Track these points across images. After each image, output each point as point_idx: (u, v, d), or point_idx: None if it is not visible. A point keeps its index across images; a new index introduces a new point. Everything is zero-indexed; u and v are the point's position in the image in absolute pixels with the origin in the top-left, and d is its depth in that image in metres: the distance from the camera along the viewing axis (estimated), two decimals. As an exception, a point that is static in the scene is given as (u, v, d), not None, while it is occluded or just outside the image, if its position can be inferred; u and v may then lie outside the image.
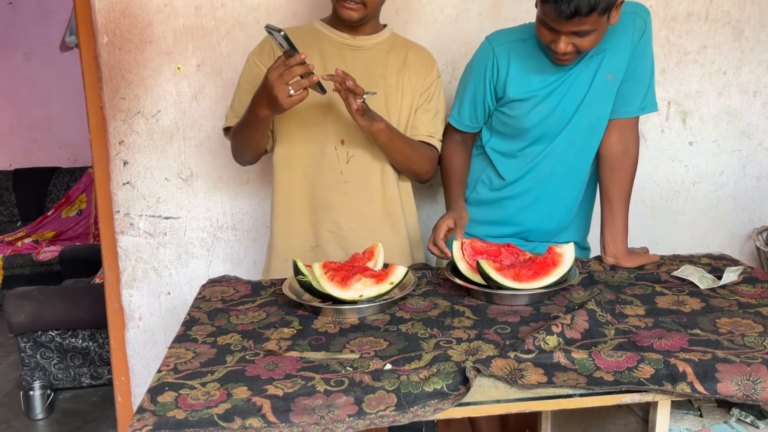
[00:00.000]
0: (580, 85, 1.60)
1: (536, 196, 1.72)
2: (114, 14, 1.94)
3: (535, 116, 1.63)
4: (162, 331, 2.13)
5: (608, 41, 1.56)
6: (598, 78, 1.60)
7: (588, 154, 1.70)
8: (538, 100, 1.62)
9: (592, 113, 1.63)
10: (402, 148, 1.64)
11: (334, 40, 1.67)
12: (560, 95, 1.61)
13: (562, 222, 1.77)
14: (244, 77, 1.69)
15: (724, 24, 2.16)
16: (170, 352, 1.25)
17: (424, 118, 1.71)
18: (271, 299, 1.50)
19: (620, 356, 1.14)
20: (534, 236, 1.78)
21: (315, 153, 1.67)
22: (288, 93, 1.41)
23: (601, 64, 1.59)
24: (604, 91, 1.61)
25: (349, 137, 1.66)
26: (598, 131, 1.68)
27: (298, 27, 1.73)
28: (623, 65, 1.60)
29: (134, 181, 2.04)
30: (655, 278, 1.56)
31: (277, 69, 1.41)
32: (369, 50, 1.68)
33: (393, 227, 1.72)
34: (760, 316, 1.32)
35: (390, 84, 1.68)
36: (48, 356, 3.02)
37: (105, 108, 2.00)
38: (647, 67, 1.64)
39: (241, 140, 1.65)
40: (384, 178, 1.70)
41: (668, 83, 2.18)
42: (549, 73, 1.61)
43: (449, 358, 1.17)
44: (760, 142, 2.26)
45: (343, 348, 1.24)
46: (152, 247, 2.08)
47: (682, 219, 2.28)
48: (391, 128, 1.60)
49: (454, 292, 1.51)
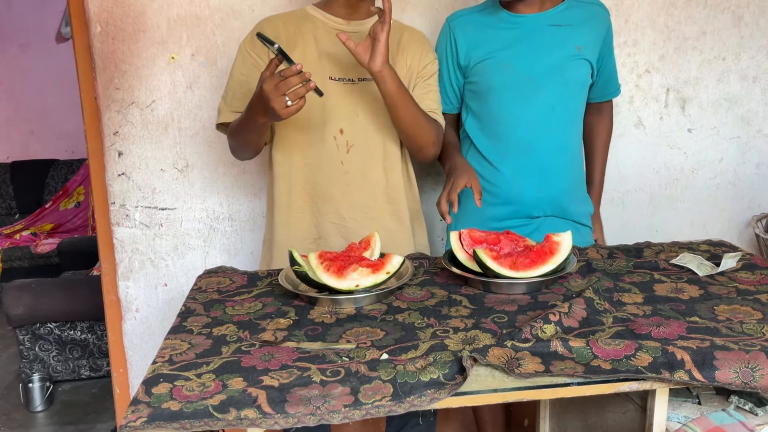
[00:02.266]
0: (548, 51, 1.70)
1: (524, 166, 1.73)
2: (107, 3, 1.92)
3: (500, 75, 1.70)
4: (159, 322, 2.12)
5: (573, 18, 1.71)
6: (568, 47, 1.70)
7: (571, 120, 1.77)
8: (499, 58, 1.70)
9: (569, 78, 1.72)
10: (411, 105, 1.58)
11: (328, 25, 1.65)
12: (527, 58, 1.69)
13: (562, 189, 1.77)
14: (237, 68, 1.66)
15: (724, 9, 2.14)
16: (165, 344, 1.24)
17: (422, 95, 1.67)
18: (267, 290, 1.49)
19: (618, 344, 1.14)
20: (540, 210, 1.77)
21: (314, 144, 1.64)
22: (285, 104, 1.38)
23: (568, 35, 1.71)
24: (575, 59, 1.71)
25: (348, 126, 1.63)
26: (577, 98, 1.76)
27: (291, 12, 1.70)
28: (592, 47, 1.73)
29: (129, 172, 2.03)
30: (653, 266, 1.55)
31: (273, 80, 1.38)
32: (364, 34, 1.64)
33: (396, 215, 1.70)
34: (759, 303, 1.32)
35: None
36: (47, 348, 3.02)
37: (99, 98, 1.98)
38: (612, 58, 1.84)
39: (239, 140, 1.63)
40: (386, 165, 1.67)
41: (667, 69, 2.16)
42: (504, 29, 1.71)
43: (446, 348, 1.17)
44: (760, 129, 2.25)
45: (339, 338, 1.24)
46: (148, 238, 2.07)
47: (682, 206, 2.27)
48: (399, 79, 1.55)
49: (452, 281, 1.50)
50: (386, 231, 1.66)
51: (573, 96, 1.75)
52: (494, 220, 1.76)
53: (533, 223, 1.78)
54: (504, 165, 1.74)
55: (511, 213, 1.77)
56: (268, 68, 1.41)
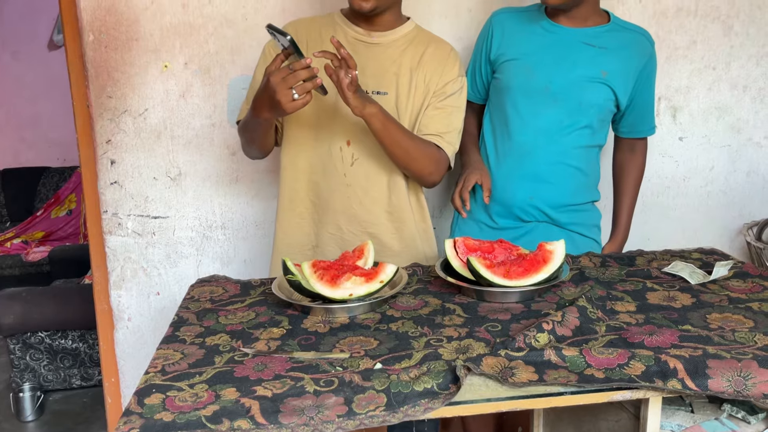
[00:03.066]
0: (572, 67, 1.69)
1: (519, 170, 1.74)
2: (99, 12, 1.92)
3: (520, 77, 1.71)
4: (151, 331, 2.11)
5: (610, 42, 1.70)
6: (593, 69, 1.69)
7: (581, 140, 1.74)
8: (523, 61, 1.71)
9: (584, 98, 1.70)
10: (399, 139, 1.53)
11: (349, 34, 1.61)
12: (549, 68, 1.69)
13: (554, 203, 1.77)
14: (259, 68, 1.63)
15: (714, 19, 2.15)
16: (158, 353, 1.23)
17: (433, 116, 1.61)
18: (260, 299, 1.49)
19: (611, 353, 1.14)
20: (530, 215, 1.78)
21: (321, 152, 1.63)
22: (291, 97, 1.37)
23: (598, 57, 1.68)
24: (596, 81, 1.69)
25: (356, 139, 1.60)
26: (590, 119, 1.73)
27: (319, 17, 1.68)
28: (621, 75, 1.71)
29: (122, 180, 2.02)
30: (645, 274, 1.56)
31: (280, 72, 1.36)
32: (386, 47, 1.61)
33: (398, 233, 1.68)
34: (751, 311, 1.32)
35: (402, 83, 1.60)
36: (38, 357, 3.00)
37: (91, 107, 1.98)
38: (650, 94, 1.82)
39: (246, 137, 1.62)
40: (391, 184, 1.64)
41: (658, 79, 2.15)
42: (538, 35, 1.72)
43: (440, 357, 1.17)
44: (750, 137, 2.27)
45: (333, 347, 1.23)
46: (141, 247, 2.06)
47: (673, 214, 2.29)
48: (386, 115, 1.51)
49: (445, 289, 1.50)
50: (385, 248, 1.65)
51: (585, 117, 1.72)
52: (489, 219, 1.80)
53: (525, 227, 1.79)
54: (502, 165, 1.76)
55: (501, 213, 1.80)
56: (273, 63, 1.40)
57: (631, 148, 1.89)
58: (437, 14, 2.05)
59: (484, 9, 2.05)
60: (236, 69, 2.01)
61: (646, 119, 1.85)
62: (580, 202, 1.84)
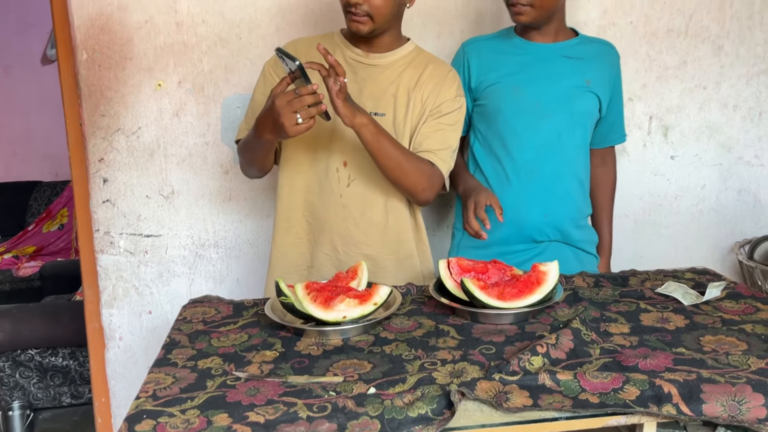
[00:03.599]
0: (558, 80, 1.74)
1: (529, 190, 1.75)
2: (93, 30, 1.92)
3: (510, 98, 1.72)
4: (143, 351, 2.09)
5: (584, 52, 1.76)
6: (577, 78, 1.75)
7: (576, 148, 1.79)
8: (509, 82, 1.73)
9: (575, 108, 1.75)
10: (391, 152, 1.51)
11: (347, 54, 1.61)
12: (537, 84, 1.72)
13: (566, 216, 1.79)
14: (259, 87, 1.64)
15: (704, 39, 2.18)
16: (149, 377, 1.22)
17: (428, 133, 1.59)
18: (253, 320, 1.48)
19: (605, 377, 1.14)
20: (544, 234, 1.79)
21: (318, 173, 1.62)
22: (295, 121, 1.37)
23: (579, 67, 1.74)
24: (583, 91, 1.75)
25: (353, 160, 1.60)
26: (583, 128, 1.78)
27: (320, 36, 1.68)
28: (601, 83, 1.76)
29: (114, 198, 2.01)
30: (639, 295, 1.56)
31: (286, 96, 1.37)
32: (384, 68, 1.61)
33: (394, 255, 1.67)
34: (744, 333, 1.33)
35: (400, 104, 1.60)
36: (27, 375, 2.97)
37: (84, 125, 1.97)
38: (621, 102, 1.87)
39: (246, 157, 1.62)
40: (388, 206, 1.64)
41: (649, 98, 2.20)
42: (517, 55, 1.74)
43: (434, 381, 1.16)
44: (741, 156, 2.28)
45: (326, 371, 1.23)
46: (133, 265, 2.05)
47: (666, 232, 2.29)
48: (378, 126, 1.49)
49: (439, 310, 1.49)
50: (381, 268, 1.65)
51: (579, 126, 1.78)
52: (499, 243, 1.78)
53: (537, 248, 1.79)
54: (509, 188, 1.76)
55: (514, 236, 1.79)
56: (279, 85, 1.40)
57: (602, 159, 1.92)
58: (432, 34, 2.06)
59: (475, 30, 2.07)
60: (230, 88, 2.01)
61: (618, 126, 1.89)
62: (585, 215, 1.87)
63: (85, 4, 1.90)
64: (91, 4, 1.91)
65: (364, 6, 1.49)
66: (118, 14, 1.92)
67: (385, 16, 1.52)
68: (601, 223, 1.94)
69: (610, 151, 1.93)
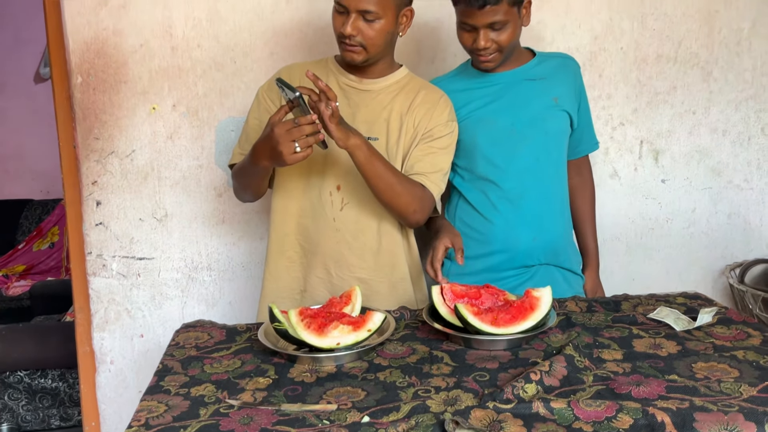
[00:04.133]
0: (527, 103, 1.75)
1: (517, 215, 1.76)
2: (88, 54, 1.93)
3: (484, 130, 1.74)
4: (134, 374, 2.08)
5: (546, 71, 1.78)
6: (545, 98, 1.76)
7: (556, 169, 1.81)
8: (480, 115, 1.74)
9: (549, 128, 1.77)
10: (383, 173, 1.52)
11: (341, 80, 1.64)
12: (508, 111, 1.74)
13: (554, 236, 1.80)
14: (252, 112, 1.66)
15: (693, 65, 2.21)
16: (142, 405, 1.21)
17: (419, 156, 1.61)
18: (246, 345, 1.47)
19: (599, 405, 1.14)
20: (535, 258, 1.79)
21: (312, 197, 1.63)
22: (293, 150, 1.39)
23: (544, 87, 1.76)
24: (553, 110, 1.77)
25: (346, 184, 1.62)
26: (558, 147, 1.80)
27: (315, 62, 1.70)
28: (568, 97, 1.78)
29: (107, 221, 2.01)
30: (631, 320, 1.57)
31: (285, 125, 1.39)
32: (377, 93, 1.63)
33: (387, 279, 1.67)
34: (736, 360, 1.33)
35: (393, 128, 1.62)
36: (16, 397, 2.94)
37: (78, 148, 1.97)
38: (588, 110, 1.87)
39: (241, 182, 1.63)
40: (381, 229, 1.65)
41: (640, 122, 2.22)
42: (482, 88, 1.76)
43: (428, 409, 1.16)
44: (731, 180, 2.31)
45: (320, 398, 1.22)
46: (125, 288, 2.04)
47: (657, 255, 2.31)
48: (371, 148, 1.51)
49: (433, 336, 1.49)
50: (374, 292, 1.65)
51: (555, 145, 1.80)
52: (490, 270, 1.77)
53: (528, 272, 1.80)
54: (496, 216, 1.77)
55: (506, 263, 1.79)
56: (277, 113, 1.42)
57: (578, 170, 1.92)
58: (426, 59, 2.08)
59: (469, 55, 2.09)
60: (224, 111, 2.02)
61: (588, 135, 1.90)
62: (570, 234, 1.88)
63: (80, 28, 1.91)
64: (86, 28, 1.92)
65: (358, 37, 1.52)
66: (114, 38, 1.93)
67: (378, 46, 1.55)
68: (585, 233, 1.94)
69: (585, 160, 1.94)
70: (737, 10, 2.20)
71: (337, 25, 1.54)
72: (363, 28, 1.52)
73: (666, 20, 2.16)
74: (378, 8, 1.50)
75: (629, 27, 2.15)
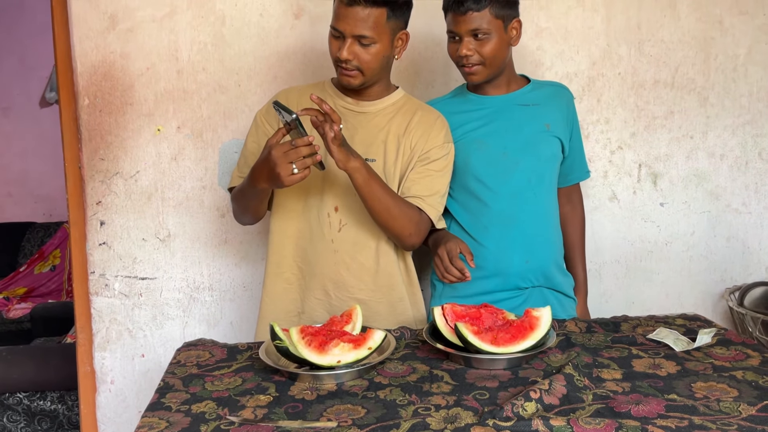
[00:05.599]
0: (519, 128, 1.77)
1: (509, 238, 1.77)
2: (96, 77, 1.96)
3: (476, 152, 1.76)
4: (135, 395, 2.08)
5: (539, 98, 1.80)
6: (537, 124, 1.79)
7: (547, 192, 1.83)
8: (473, 137, 1.76)
9: (541, 153, 1.79)
10: (381, 196, 1.55)
11: (338, 103, 1.66)
12: (500, 134, 1.77)
13: (547, 259, 1.81)
14: (251, 136, 1.69)
15: (690, 91, 2.24)
16: (143, 422, 1.22)
17: (416, 179, 1.63)
18: (247, 363, 1.48)
19: (598, 423, 1.14)
20: (527, 281, 1.80)
21: (310, 218, 1.65)
22: (291, 171, 1.41)
23: (536, 113, 1.79)
24: (545, 135, 1.79)
25: (344, 205, 1.63)
26: (550, 172, 1.83)
27: (311, 85, 1.74)
28: (559, 124, 1.81)
29: (111, 241, 2.03)
30: (631, 340, 1.57)
31: (282, 147, 1.41)
32: (374, 115, 1.66)
33: (385, 299, 1.68)
34: (735, 380, 1.34)
35: (390, 150, 1.64)
36: (15, 419, 2.92)
37: (83, 168, 2.00)
38: (580, 139, 1.90)
39: (240, 204, 1.65)
40: (380, 250, 1.66)
41: (638, 146, 2.25)
42: (475, 110, 1.78)
43: (427, 427, 1.16)
44: (729, 204, 2.32)
45: (320, 416, 1.23)
46: (127, 308, 2.05)
47: (657, 278, 2.32)
48: (370, 171, 1.53)
49: (433, 355, 1.50)
50: (372, 312, 1.66)
51: (546, 170, 1.82)
52: (483, 293, 1.78)
53: (522, 295, 1.80)
54: (488, 239, 1.78)
55: (499, 285, 1.80)
56: (275, 136, 1.45)
57: (568, 198, 1.94)
58: (424, 82, 2.12)
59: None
60: (228, 133, 2.05)
61: (579, 163, 1.91)
62: (561, 257, 1.89)
63: (88, 52, 1.95)
64: (94, 52, 1.96)
65: (354, 61, 1.55)
66: (121, 62, 1.97)
67: (374, 70, 1.58)
68: (575, 262, 1.94)
69: (576, 189, 1.96)
70: (733, 37, 2.24)
71: (333, 49, 1.58)
72: (359, 52, 1.55)
73: (662, 46, 2.20)
74: (373, 33, 1.54)
75: (626, 53, 2.19)
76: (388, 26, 1.57)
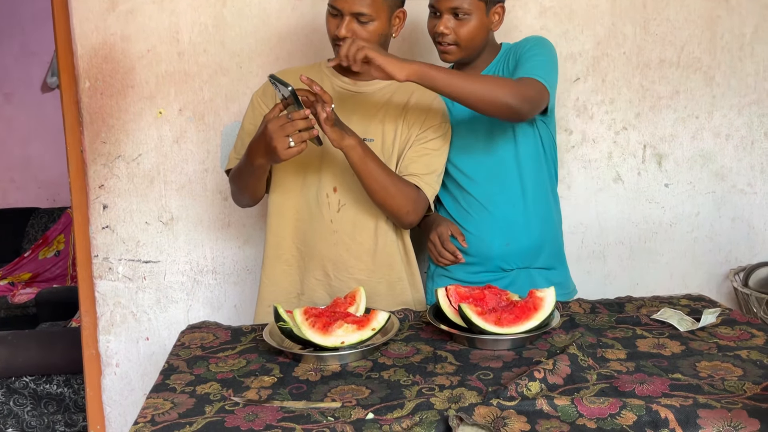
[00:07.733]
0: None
1: (488, 221, 1.75)
2: (96, 60, 1.95)
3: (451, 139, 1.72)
4: (139, 377, 2.09)
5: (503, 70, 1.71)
6: None
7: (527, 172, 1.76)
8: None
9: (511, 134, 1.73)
10: (377, 174, 1.55)
11: (335, 83, 1.65)
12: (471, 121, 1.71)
13: (529, 242, 1.78)
14: (248, 118, 1.68)
15: (696, 70, 2.22)
16: (148, 403, 1.22)
17: (413, 158, 1.63)
18: (251, 345, 1.48)
19: (602, 402, 1.14)
20: (510, 263, 1.79)
21: (308, 199, 1.65)
22: (287, 145, 1.41)
23: None
24: None
25: (343, 185, 1.63)
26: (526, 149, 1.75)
27: (308, 66, 1.73)
28: None
29: (114, 225, 2.03)
30: (635, 321, 1.57)
31: (279, 120, 1.41)
32: (371, 95, 1.65)
33: (384, 279, 1.69)
34: (740, 359, 1.33)
35: (388, 129, 1.64)
36: (21, 403, 2.94)
37: (85, 152, 1.99)
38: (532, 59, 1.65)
39: (238, 184, 1.65)
40: (378, 231, 1.66)
41: (643, 127, 2.23)
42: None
43: (432, 406, 1.16)
44: (734, 184, 2.31)
45: (324, 396, 1.23)
46: (131, 291, 2.05)
47: (661, 259, 2.31)
48: (365, 148, 1.53)
49: (437, 336, 1.50)
50: (372, 293, 1.66)
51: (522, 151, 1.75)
52: (468, 275, 1.78)
53: (507, 276, 1.79)
54: (469, 222, 1.77)
55: (483, 268, 1.79)
56: (272, 111, 1.44)
57: None
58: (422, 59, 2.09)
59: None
60: (230, 116, 2.04)
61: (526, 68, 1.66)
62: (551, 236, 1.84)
63: (88, 34, 1.94)
64: (94, 34, 1.94)
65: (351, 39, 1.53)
66: (122, 44, 1.96)
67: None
68: None
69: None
70: (739, 16, 2.21)
71: (331, 28, 1.57)
72: (357, 30, 1.54)
73: (668, 25, 2.18)
74: (371, 10, 1.53)
75: (632, 32, 2.17)
76: (386, 4, 1.56)
